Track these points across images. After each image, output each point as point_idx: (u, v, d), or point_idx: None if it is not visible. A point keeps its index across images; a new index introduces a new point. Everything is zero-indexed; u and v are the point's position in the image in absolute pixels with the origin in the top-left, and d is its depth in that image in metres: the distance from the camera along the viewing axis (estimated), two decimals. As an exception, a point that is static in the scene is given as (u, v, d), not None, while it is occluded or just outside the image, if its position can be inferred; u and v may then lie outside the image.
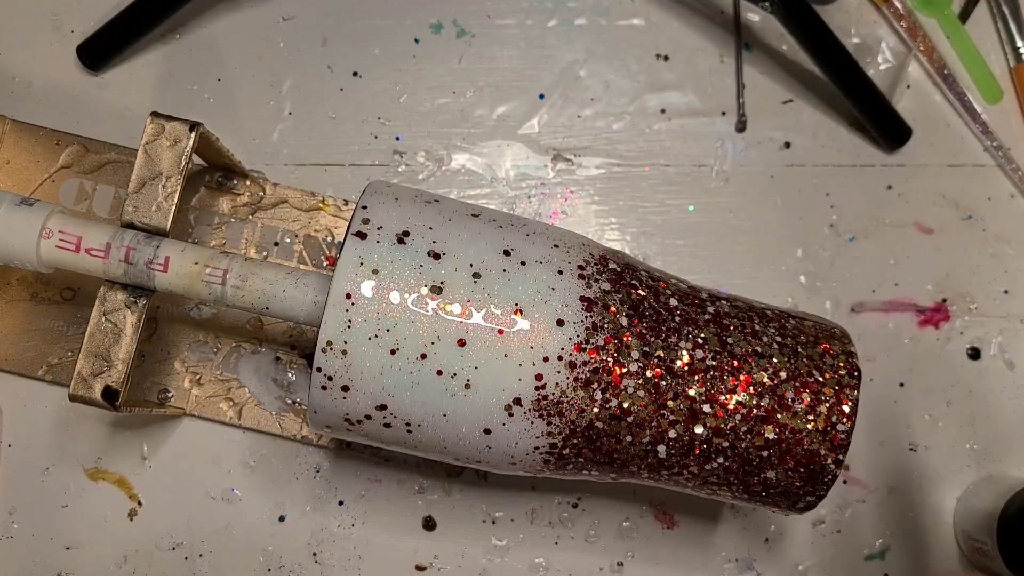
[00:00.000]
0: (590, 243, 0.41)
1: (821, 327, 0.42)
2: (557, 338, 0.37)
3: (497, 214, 0.41)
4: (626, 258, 0.42)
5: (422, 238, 0.38)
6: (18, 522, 0.48)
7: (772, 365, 0.39)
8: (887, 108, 0.53)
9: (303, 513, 0.48)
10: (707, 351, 0.39)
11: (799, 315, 0.42)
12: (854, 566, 0.50)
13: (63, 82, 0.52)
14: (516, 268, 0.38)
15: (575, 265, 0.39)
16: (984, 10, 0.56)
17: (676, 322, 0.39)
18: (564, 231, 0.41)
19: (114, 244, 0.40)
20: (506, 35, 0.54)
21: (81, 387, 0.41)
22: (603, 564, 0.49)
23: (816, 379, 0.40)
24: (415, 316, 0.37)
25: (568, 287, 0.38)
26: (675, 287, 0.41)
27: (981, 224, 0.54)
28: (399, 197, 0.40)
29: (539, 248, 0.39)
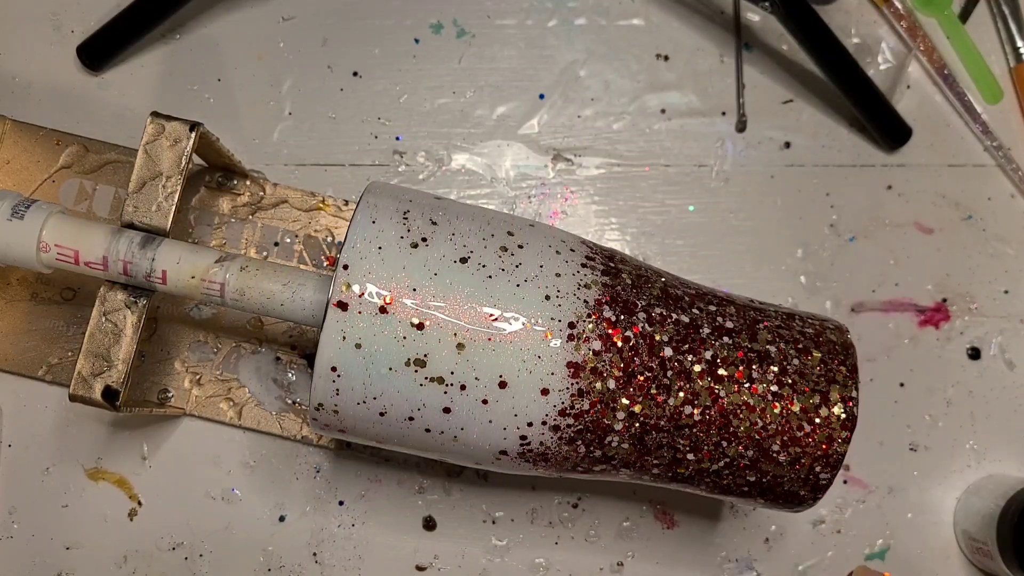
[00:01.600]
0: (588, 283, 0.39)
1: (821, 327, 0.42)
2: (541, 406, 0.38)
3: (488, 255, 0.38)
4: (625, 292, 0.39)
5: (405, 306, 0.37)
6: (18, 522, 0.48)
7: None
8: (887, 108, 0.53)
9: (303, 513, 0.48)
10: (697, 407, 0.39)
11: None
12: (854, 566, 0.50)
13: (63, 82, 0.52)
14: (501, 335, 0.37)
15: (565, 324, 0.38)
16: (984, 10, 0.56)
17: (668, 377, 0.39)
18: (562, 269, 0.39)
19: (111, 258, 0.40)
20: (506, 35, 0.54)
21: (81, 387, 0.41)
22: (603, 564, 0.49)
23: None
24: (401, 385, 0.38)
25: (555, 354, 0.37)
26: (673, 328, 0.39)
27: (981, 224, 0.54)
28: (382, 247, 0.37)
29: (528, 306, 0.38)
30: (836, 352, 0.40)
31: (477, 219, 0.40)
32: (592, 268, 0.40)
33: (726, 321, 0.40)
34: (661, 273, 0.42)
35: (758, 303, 0.42)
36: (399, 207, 0.39)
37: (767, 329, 0.40)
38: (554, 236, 0.40)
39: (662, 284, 0.41)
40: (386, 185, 0.41)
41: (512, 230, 0.40)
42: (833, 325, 0.42)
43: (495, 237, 0.39)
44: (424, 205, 0.40)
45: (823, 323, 0.42)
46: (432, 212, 0.39)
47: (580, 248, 0.40)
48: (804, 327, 0.41)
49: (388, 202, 0.39)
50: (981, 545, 0.48)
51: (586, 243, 0.41)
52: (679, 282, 0.42)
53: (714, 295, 0.42)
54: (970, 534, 0.49)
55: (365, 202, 0.39)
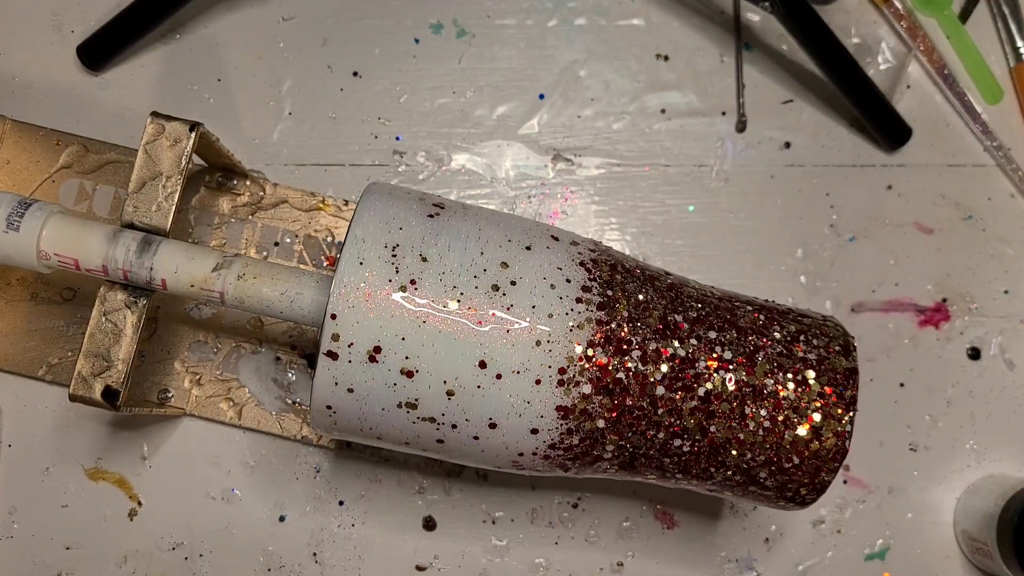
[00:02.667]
0: (581, 323, 0.38)
1: (827, 349, 0.41)
2: (531, 442, 0.39)
3: (479, 298, 0.37)
4: (619, 329, 0.38)
5: (394, 354, 0.37)
6: (18, 522, 0.48)
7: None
8: (887, 108, 0.53)
9: (303, 513, 0.48)
10: (685, 440, 0.39)
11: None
12: (854, 566, 0.50)
13: (63, 82, 0.52)
14: (491, 382, 0.37)
15: (556, 369, 0.38)
16: (984, 10, 0.56)
17: (659, 414, 0.39)
18: (555, 309, 0.38)
19: (110, 267, 0.40)
20: (506, 35, 0.54)
21: (81, 387, 0.41)
22: (603, 564, 0.49)
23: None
24: (395, 421, 0.39)
25: (545, 397, 0.38)
26: (667, 364, 0.38)
27: (981, 224, 0.54)
28: (371, 293, 0.37)
29: (518, 352, 0.37)
30: (837, 382, 0.39)
31: (470, 249, 0.38)
32: (588, 302, 0.38)
33: (724, 351, 0.39)
34: (664, 291, 0.40)
35: (763, 319, 0.41)
36: (388, 240, 0.38)
37: (767, 359, 0.39)
38: (551, 261, 0.39)
39: (662, 310, 0.39)
40: (377, 200, 0.39)
41: (508, 259, 0.38)
42: (840, 346, 0.40)
43: (487, 273, 0.38)
44: (415, 233, 0.38)
45: (829, 344, 0.40)
46: (423, 243, 0.38)
47: (578, 274, 0.39)
48: (808, 351, 0.40)
49: (377, 233, 0.38)
50: (981, 545, 0.48)
51: (584, 264, 0.39)
52: (682, 301, 0.40)
53: (717, 315, 0.40)
54: (970, 534, 0.49)
55: (353, 236, 0.38)
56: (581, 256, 0.40)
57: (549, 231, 0.41)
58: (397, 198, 0.40)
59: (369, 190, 0.40)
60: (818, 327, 0.41)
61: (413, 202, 0.40)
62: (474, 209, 0.41)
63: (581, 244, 0.41)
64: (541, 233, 0.40)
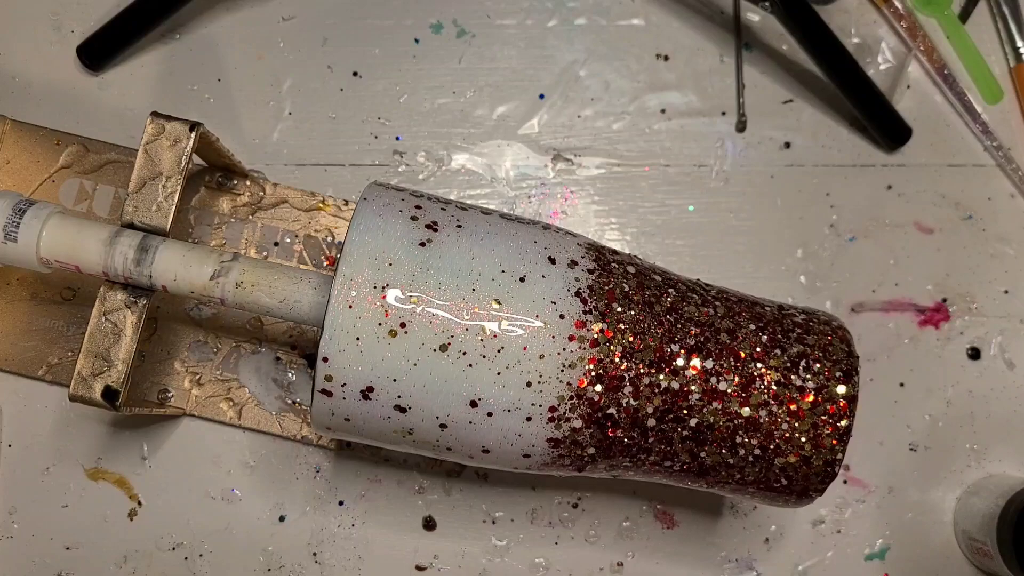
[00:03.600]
0: (573, 362, 0.38)
1: (830, 373, 0.40)
2: (524, 462, 0.40)
3: (469, 340, 0.37)
4: (614, 365, 0.38)
5: (387, 393, 0.38)
6: (18, 522, 0.48)
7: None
8: (887, 108, 0.53)
9: (303, 513, 0.48)
10: (676, 461, 0.40)
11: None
12: (854, 566, 0.50)
13: (63, 82, 0.52)
14: (482, 419, 0.38)
15: (546, 408, 0.38)
16: (984, 10, 0.56)
17: (649, 441, 0.39)
18: (547, 349, 0.37)
19: (110, 273, 0.40)
20: (506, 35, 0.54)
21: (81, 387, 0.41)
22: (603, 564, 0.49)
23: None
24: (393, 442, 0.41)
25: (535, 432, 0.38)
26: (660, 399, 0.38)
27: (981, 224, 0.54)
28: (360, 337, 0.37)
29: (509, 392, 0.38)
30: (834, 412, 0.39)
31: (462, 286, 0.37)
32: (581, 340, 0.38)
33: (720, 382, 0.39)
34: (663, 316, 0.39)
35: (767, 340, 0.40)
36: (378, 279, 0.37)
37: (764, 389, 0.39)
38: (545, 295, 0.38)
39: (658, 340, 0.38)
40: (365, 231, 0.38)
41: (500, 295, 0.37)
42: (842, 371, 0.39)
43: (479, 313, 0.37)
44: (404, 269, 0.37)
45: (832, 368, 0.40)
46: (412, 282, 0.37)
47: (573, 307, 0.38)
48: (808, 379, 0.39)
49: (366, 272, 0.37)
50: (981, 545, 0.48)
51: (580, 293, 0.38)
52: (681, 326, 0.39)
53: (717, 339, 0.39)
54: (970, 534, 0.49)
55: (342, 275, 0.37)
56: (578, 283, 0.39)
57: (547, 250, 0.39)
58: (388, 218, 0.38)
59: (357, 215, 0.38)
60: (823, 348, 0.40)
61: (404, 224, 0.38)
62: (469, 227, 0.39)
63: (580, 264, 0.39)
64: (537, 257, 0.39)
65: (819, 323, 0.41)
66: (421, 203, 0.40)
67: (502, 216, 0.41)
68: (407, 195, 0.40)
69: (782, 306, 0.42)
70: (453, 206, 0.40)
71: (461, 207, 0.41)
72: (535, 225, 0.41)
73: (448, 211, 0.40)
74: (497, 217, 0.41)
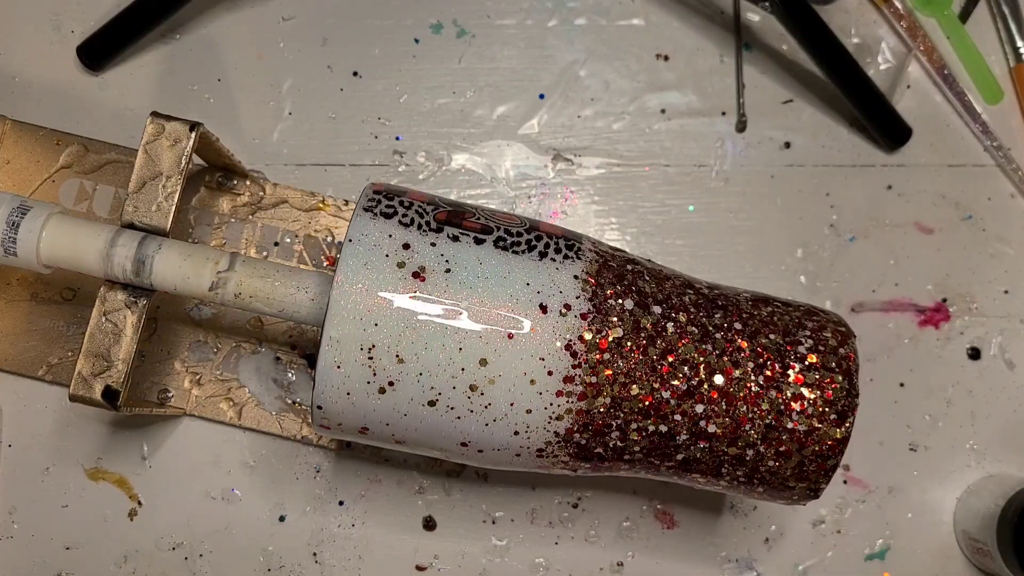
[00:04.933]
0: (560, 414, 0.38)
1: (825, 380, 0.40)
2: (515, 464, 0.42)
3: (457, 397, 0.38)
4: (601, 416, 0.38)
5: (380, 435, 0.40)
6: (18, 522, 0.48)
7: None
8: (887, 108, 0.53)
9: (303, 513, 0.48)
10: (663, 475, 0.42)
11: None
12: (854, 566, 0.50)
13: (63, 82, 0.52)
14: (474, 453, 0.40)
15: (535, 450, 0.39)
16: (984, 10, 0.56)
17: (635, 469, 0.41)
18: (534, 404, 0.38)
19: (111, 280, 0.41)
20: (506, 35, 0.54)
21: (81, 387, 0.41)
22: (603, 564, 0.49)
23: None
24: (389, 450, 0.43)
25: (526, 462, 0.40)
26: (648, 440, 0.39)
27: (981, 224, 0.54)
28: (351, 392, 0.38)
29: (497, 438, 0.39)
30: (819, 455, 0.39)
31: (448, 346, 0.37)
32: (569, 394, 0.38)
33: (709, 425, 0.39)
34: (656, 362, 0.39)
35: (763, 381, 0.39)
36: (364, 340, 0.37)
37: (754, 428, 0.39)
38: (534, 352, 0.37)
39: (649, 388, 0.38)
40: (349, 291, 0.37)
41: (487, 354, 0.37)
42: (837, 413, 0.39)
43: (465, 372, 0.37)
44: (391, 329, 0.37)
45: (828, 409, 0.39)
46: (399, 342, 0.37)
47: (562, 362, 0.38)
48: (800, 422, 0.39)
49: (353, 333, 0.37)
50: (981, 545, 0.48)
51: (571, 346, 0.38)
52: (675, 369, 0.39)
53: (711, 380, 0.39)
54: (970, 534, 0.49)
55: (328, 337, 0.37)
56: (569, 334, 0.38)
57: (540, 295, 0.38)
58: (373, 267, 0.37)
59: (343, 262, 0.37)
60: (826, 377, 0.39)
61: (391, 274, 0.37)
62: (458, 272, 0.38)
63: (574, 308, 0.38)
64: (528, 305, 0.38)
65: (826, 352, 0.40)
66: (410, 238, 0.38)
67: (496, 244, 0.39)
68: (396, 226, 0.38)
69: (788, 332, 0.40)
70: (444, 235, 0.38)
71: (453, 236, 0.38)
72: (531, 253, 0.39)
73: (438, 246, 0.38)
74: (490, 249, 0.39)
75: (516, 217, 0.41)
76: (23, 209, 0.40)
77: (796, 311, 0.41)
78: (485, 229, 0.39)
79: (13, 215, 0.40)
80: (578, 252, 0.40)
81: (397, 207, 0.39)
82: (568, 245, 0.40)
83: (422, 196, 0.41)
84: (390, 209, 0.39)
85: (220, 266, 0.40)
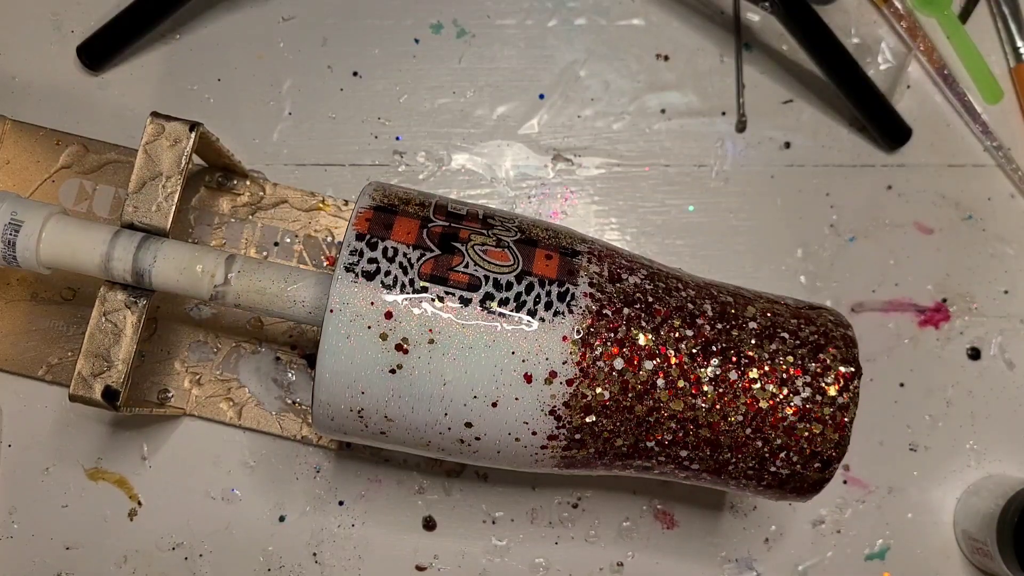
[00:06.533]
0: (544, 459, 0.40)
1: (823, 320, 0.41)
2: None
3: (446, 442, 0.39)
4: (585, 459, 0.40)
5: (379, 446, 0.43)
6: (18, 522, 0.48)
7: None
8: (887, 108, 0.53)
9: (303, 513, 0.48)
10: None
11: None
12: (854, 566, 0.50)
13: (63, 82, 0.52)
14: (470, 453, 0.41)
15: (524, 468, 0.41)
16: (984, 10, 0.56)
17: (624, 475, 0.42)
18: (519, 456, 0.39)
19: None
20: (506, 35, 0.54)
21: (81, 387, 0.41)
22: (603, 564, 0.49)
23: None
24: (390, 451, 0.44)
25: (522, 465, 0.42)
26: (634, 471, 0.41)
27: (981, 224, 0.54)
28: (347, 432, 0.40)
29: (486, 463, 0.41)
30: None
31: (434, 410, 0.38)
32: (554, 448, 0.39)
33: (692, 464, 0.40)
34: (642, 418, 0.39)
35: (750, 431, 0.39)
36: (353, 404, 0.38)
37: (736, 471, 0.40)
38: (518, 416, 0.38)
39: (633, 440, 0.39)
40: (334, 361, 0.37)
41: (472, 419, 0.38)
42: (821, 464, 0.40)
43: (452, 431, 0.38)
44: (378, 396, 0.38)
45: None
46: (387, 405, 0.38)
47: (546, 424, 0.38)
48: (783, 466, 0.40)
49: (341, 397, 0.38)
50: (981, 545, 0.48)
51: (555, 411, 0.38)
52: (660, 424, 0.39)
53: (698, 434, 0.39)
54: (970, 534, 0.49)
55: (319, 400, 0.38)
56: (554, 400, 0.38)
57: (525, 364, 0.37)
58: (356, 340, 0.37)
59: (327, 335, 0.37)
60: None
61: (373, 346, 0.37)
62: (442, 343, 0.37)
63: (560, 374, 0.37)
64: (512, 376, 0.37)
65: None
66: (392, 305, 0.37)
67: (483, 305, 0.37)
68: (378, 290, 0.37)
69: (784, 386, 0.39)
70: (429, 297, 0.37)
71: (438, 297, 0.37)
72: (518, 314, 0.37)
73: (421, 313, 0.37)
74: (476, 312, 0.37)
75: (508, 256, 0.39)
76: (12, 256, 0.40)
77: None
78: (472, 284, 0.38)
79: (8, 255, 0.40)
80: (571, 303, 0.38)
81: (380, 259, 0.37)
82: (561, 295, 0.38)
83: (410, 231, 0.38)
84: (372, 265, 0.37)
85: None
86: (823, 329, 0.41)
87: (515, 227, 0.40)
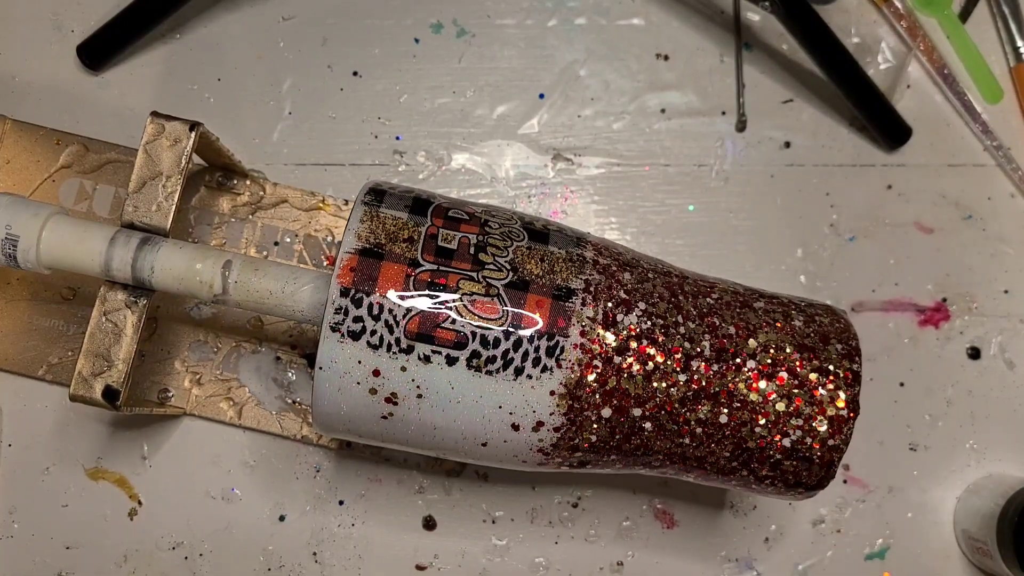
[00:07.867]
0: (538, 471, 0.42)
1: (825, 320, 0.41)
2: None
3: (446, 455, 0.41)
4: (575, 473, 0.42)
5: None
6: (18, 522, 0.48)
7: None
8: (887, 108, 0.53)
9: (303, 513, 0.48)
10: None
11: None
12: (854, 566, 0.50)
13: (63, 82, 0.52)
14: None
15: (535, 462, 0.41)
16: (984, 10, 0.56)
17: None
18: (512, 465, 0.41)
19: None
20: (506, 35, 0.54)
21: (81, 387, 0.41)
22: (603, 564, 0.49)
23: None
24: None
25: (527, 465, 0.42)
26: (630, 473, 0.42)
27: (981, 224, 0.54)
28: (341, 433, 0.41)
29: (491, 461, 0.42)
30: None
31: (426, 451, 0.41)
32: (548, 466, 0.41)
33: (687, 476, 0.42)
34: (632, 451, 0.39)
35: (745, 457, 0.39)
36: (349, 432, 0.40)
37: (736, 471, 0.41)
38: (506, 455, 0.39)
39: (625, 464, 0.41)
40: (330, 402, 0.38)
41: (462, 459, 0.41)
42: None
43: (445, 463, 0.45)
44: (371, 433, 0.40)
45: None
46: (382, 439, 0.40)
47: (535, 458, 0.40)
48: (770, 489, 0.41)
49: (336, 434, 0.41)
50: (981, 545, 0.48)
51: (544, 450, 0.39)
52: (651, 459, 0.40)
53: (696, 457, 0.40)
54: (970, 534, 0.49)
55: (317, 421, 0.40)
56: (542, 443, 0.39)
57: (512, 415, 0.38)
58: (347, 393, 0.38)
59: (318, 386, 0.38)
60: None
61: (364, 398, 0.38)
62: (430, 396, 0.38)
63: (547, 423, 0.38)
64: (500, 425, 0.38)
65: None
66: (380, 363, 0.37)
67: (469, 364, 0.37)
68: (364, 350, 0.37)
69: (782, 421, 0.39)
70: (415, 356, 0.37)
71: (424, 357, 0.37)
72: (505, 372, 0.37)
73: (409, 371, 0.37)
74: (462, 371, 0.37)
75: (497, 308, 0.37)
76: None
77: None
78: (459, 343, 0.37)
79: (9, 259, 0.40)
80: (560, 356, 0.37)
81: (365, 318, 0.37)
82: (550, 349, 0.37)
83: (397, 280, 0.37)
84: (358, 324, 0.37)
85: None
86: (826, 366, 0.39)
87: (511, 252, 0.38)
